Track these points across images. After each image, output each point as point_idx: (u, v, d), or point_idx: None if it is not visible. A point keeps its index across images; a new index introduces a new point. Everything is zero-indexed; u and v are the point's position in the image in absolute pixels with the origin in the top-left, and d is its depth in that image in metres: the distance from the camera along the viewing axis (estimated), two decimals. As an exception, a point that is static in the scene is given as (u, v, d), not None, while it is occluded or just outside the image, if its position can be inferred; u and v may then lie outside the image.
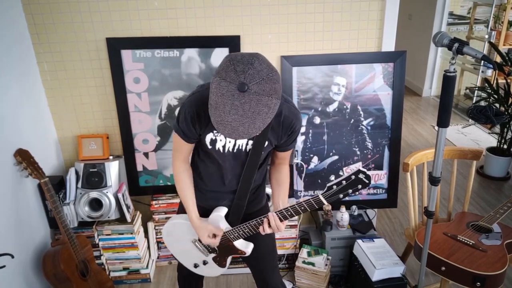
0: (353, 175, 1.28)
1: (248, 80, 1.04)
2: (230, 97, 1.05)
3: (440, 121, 1.42)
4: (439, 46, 1.34)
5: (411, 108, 5.36)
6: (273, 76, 1.08)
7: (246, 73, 1.04)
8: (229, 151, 1.41)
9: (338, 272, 2.43)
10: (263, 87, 1.05)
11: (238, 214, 1.55)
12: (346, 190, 1.29)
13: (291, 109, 1.37)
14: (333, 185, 1.30)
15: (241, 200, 1.52)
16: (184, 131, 1.38)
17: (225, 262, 1.64)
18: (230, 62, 1.07)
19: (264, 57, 1.11)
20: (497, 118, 2.97)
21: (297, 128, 1.41)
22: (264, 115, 1.08)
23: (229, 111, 1.06)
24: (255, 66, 1.06)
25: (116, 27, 2.23)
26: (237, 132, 1.09)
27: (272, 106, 1.09)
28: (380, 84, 2.36)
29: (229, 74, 1.05)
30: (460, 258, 1.75)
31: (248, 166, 1.44)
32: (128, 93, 2.35)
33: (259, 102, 1.06)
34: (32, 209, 2.15)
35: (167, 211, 2.44)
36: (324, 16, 2.27)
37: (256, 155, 1.41)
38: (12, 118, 2.02)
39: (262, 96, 1.05)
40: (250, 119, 1.07)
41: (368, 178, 1.27)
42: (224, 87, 1.05)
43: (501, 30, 4.35)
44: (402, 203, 3.17)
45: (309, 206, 1.35)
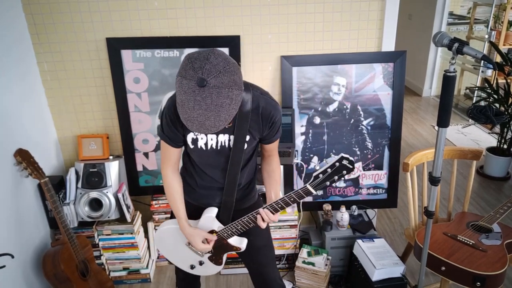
0: (337, 162, 1.33)
1: (206, 75, 1.08)
2: (192, 93, 1.09)
3: (440, 121, 1.42)
4: (439, 46, 1.34)
5: (411, 108, 5.36)
6: (230, 68, 1.11)
7: (203, 69, 1.08)
8: (212, 148, 1.43)
9: (338, 272, 2.43)
10: (221, 80, 1.09)
11: (228, 212, 1.56)
12: (332, 177, 1.34)
13: (268, 100, 1.40)
14: (319, 174, 1.35)
15: (229, 196, 1.53)
16: (169, 136, 1.42)
17: (221, 260, 1.65)
18: (188, 61, 1.11)
19: (221, 51, 1.15)
20: (497, 118, 2.97)
21: (277, 119, 1.43)
22: (227, 107, 1.12)
23: (193, 107, 1.10)
24: (211, 61, 1.09)
25: (116, 27, 2.23)
26: (205, 126, 1.13)
27: (234, 97, 1.12)
28: (380, 84, 2.36)
29: (188, 72, 1.09)
30: (460, 258, 1.75)
31: (232, 162, 1.45)
32: (128, 93, 2.35)
33: (220, 95, 1.09)
34: (32, 209, 2.15)
35: (167, 211, 2.44)
36: (324, 16, 2.27)
37: (238, 150, 1.43)
38: (12, 118, 2.02)
39: (221, 89, 1.09)
40: (214, 112, 1.10)
41: (351, 163, 1.31)
42: (185, 85, 1.10)
43: (501, 30, 4.35)
44: (402, 203, 3.17)
45: (298, 197, 1.39)
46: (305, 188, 1.37)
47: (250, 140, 1.43)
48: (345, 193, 2.55)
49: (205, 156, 1.46)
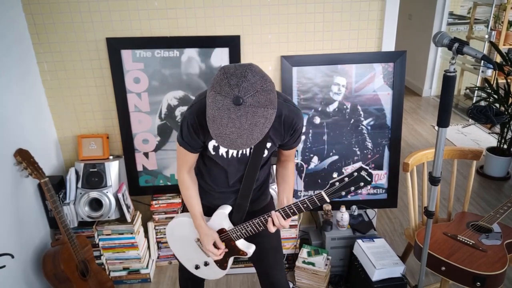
0: (355, 172, 1.29)
1: (243, 93, 1.05)
2: (226, 111, 1.05)
3: (440, 121, 1.42)
4: (439, 46, 1.34)
5: (411, 108, 5.36)
6: (267, 86, 1.08)
7: (240, 86, 1.05)
8: (233, 156, 1.42)
9: (338, 272, 2.43)
10: (258, 99, 1.06)
11: (241, 214, 1.56)
12: (348, 187, 1.30)
13: (291, 108, 1.38)
14: (335, 181, 1.31)
15: (244, 200, 1.53)
16: (189, 142, 1.39)
17: (226, 264, 1.64)
18: (224, 76, 1.07)
19: (257, 67, 1.11)
20: (497, 118, 2.97)
21: (299, 127, 1.41)
22: (261, 126, 1.09)
23: (226, 124, 1.07)
24: (248, 79, 1.06)
25: (116, 27, 2.23)
26: (236, 144, 1.10)
27: (269, 116, 1.10)
28: (380, 84, 2.36)
29: (223, 88, 1.06)
30: (460, 258, 1.75)
31: (250, 167, 1.45)
32: (128, 93, 2.35)
33: (255, 114, 1.06)
34: (32, 209, 2.15)
35: (167, 211, 2.44)
36: (324, 16, 2.27)
37: (258, 157, 1.43)
38: (12, 118, 2.02)
39: (257, 108, 1.06)
40: (247, 131, 1.08)
41: (370, 175, 1.28)
42: (219, 101, 1.06)
43: (501, 30, 4.35)
44: (402, 203, 3.17)
45: (311, 204, 1.36)
46: (320, 195, 1.34)
47: (271, 147, 1.43)
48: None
49: (226, 163, 1.45)
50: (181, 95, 2.37)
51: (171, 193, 2.48)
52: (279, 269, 1.71)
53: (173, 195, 2.46)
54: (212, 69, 2.32)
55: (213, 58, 2.30)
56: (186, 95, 2.37)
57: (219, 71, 1.10)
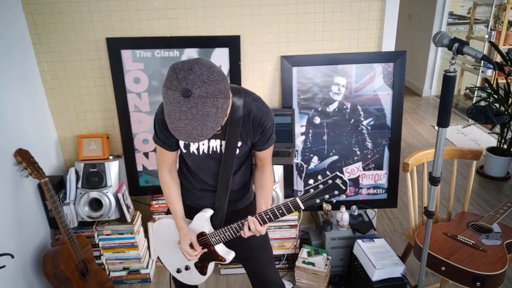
0: (330, 179, 1.29)
1: (190, 86, 1.08)
2: (177, 104, 1.09)
3: (440, 121, 1.42)
4: (439, 46, 1.34)
5: (411, 108, 5.35)
6: (214, 77, 1.11)
7: (188, 79, 1.08)
8: (204, 153, 1.43)
9: (338, 272, 2.43)
10: (206, 90, 1.09)
11: (220, 216, 1.55)
12: (323, 195, 1.31)
13: (260, 107, 1.39)
14: (310, 188, 1.32)
15: (221, 201, 1.52)
16: (163, 140, 1.43)
17: (206, 269, 1.63)
18: (173, 71, 1.11)
19: (206, 60, 1.15)
20: (497, 118, 2.97)
21: (269, 126, 1.42)
22: (214, 116, 1.11)
23: (179, 117, 1.10)
24: (195, 71, 1.09)
25: (116, 27, 2.23)
26: (192, 135, 1.13)
27: (220, 105, 1.12)
28: (380, 84, 2.36)
29: (173, 83, 1.09)
30: (460, 258, 1.75)
31: (224, 167, 1.45)
32: (128, 93, 2.35)
33: (205, 105, 1.09)
34: (32, 209, 2.15)
35: (167, 211, 2.44)
36: (324, 16, 2.27)
37: (230, 156, 1.43)
38: (12, 118, 2.02)
39: (206, 99, 1.09)
40: (200, 122, 1.10)
41: (344, 184, 1.28)
42: (170, 96, 1.09)
43: (501, 30, 4.35)
44: (402, 203, 3.17)
45: (287, 210, 1.37)
46: (294, 201, 1.34)
47: (242, 146, 1.43)
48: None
49: (198, 161, 1.47)
50: (181, 95, 2.36)
51: (171, 193, 2.48)
52: (269, 267, 1.70)
53: (173, 195, 2.46)
54: (212, 69, 2.32)
55: (213, 58, 2.30)
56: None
57: (169, 68, 1.14)
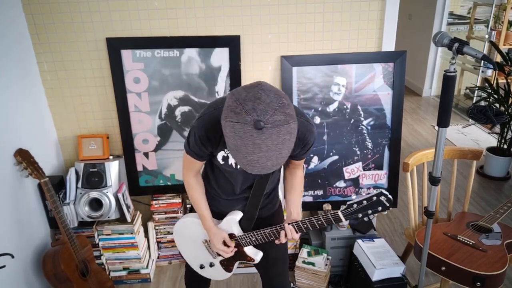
0: (375, 196, 1.28)
1: (262, 116, 0.99)
2: (250, 137, 1.00)
3: (440, 121, 1.42)
4: (439, 46, 1.34)
5: (411, 108, 5.35)
6: (284, 102, 1.03)
7: (257, 110, 1.00)
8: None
9: (338, 272, 2.43)
10: (278, 118, 1.01)
11: (250, 221, 1.55)
12: (366, 210, 1.29)
13: (304, 123, 1.34)
14: (353, 203, 1.30)
15: (253, 208, 1.52)
16: (196, 152, 1.37)
17: (231, 267, 1.64)
18: (236, 103, 1.02)
19: (267, 84, 1.07)
20: (497, 118, 2.97)
21: (311, 141, 1.39)
22: (288, 142, 1.05)
23: (252, 151, 1.02)
24: (263, 100, 1.01)
25: (116, 27, 2.23)
26: (267, 167, 1.06)
27: (292, 131, 1.05)
28: (380, 84, 2.36)
29: (240, 116, 1.01)
30: (460, 258, 1.75)
31: (259, 181, 1.45)
32: (128, 93, 2.35)
33: (280, 133, 1.01)
34: (32, 209, 2.15)
35: (167, 211, 2.44)
36: (324, 16, 2.27)
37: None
38: (12, 118, 2.02)
39: (280, 127, 1.01)
40: (275, 152, 1.03)
41: (389, 201, 1.27)
42: (239, 130, 1.01)
43: (501, 30, 4.35)
44: (402, 203, 3.17)
45: (326, 222, 1.36)
46: (336, 214, 1.33)
47: None
48: (345, 193, 2.55)
49: (235, 174, 1.44)
50: (181, 95, 2.37)
51: (171, 193, 2.48)
52: (283, 280, 1.70)
53: (173, 195, 2.46)
54: (212, 69, 2.32)
55: (213, 58, 2.30)
56: (186, 95, 2.37)
57: (229, 99, 1.05)
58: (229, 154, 1.37)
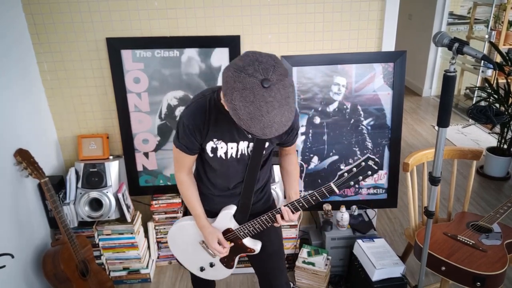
0: (363, 161, 1.33)
1: (266, 75, 1.06)
2: (261, 97, 1.05)
3: (440, 121, 1.42)
4: (439, 46, 1.34)
5: (411, 108, 5.35)
6: (277, 58, 1.11)
7: (260, 70, 1.06)
8: (232, 157, 1.42)
9: (338, 272, 2.43)
10: (279, 72, 1.08)
11: (245, 212, 1.56)
12: (357, 177, 1.35)
13: None
14: (344, 173, 1.35)
15: (247, 199, 1.53)
16: (186, 145, 1.38)
17: (233, 262, 1.64)
18: (237, 72, 1.07)
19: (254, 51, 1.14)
20: (497, 118, 2.97)
21: (296, 125, 1.44)
22: (292, 95, 1.11)
23: (267, 111, 1.06)
24: (261, 60, 1.08)
25: (116, 27, 2.23)
26: (282, 123, 1.10)
27: (292, 83, 1.12)
28: (380, 84, 2.36)
29: (246, 81, 1.05)
30: (460, 258, 1.75)
31: (250, 168, 1.45)
32: (128, 93, 2.35)
33: (285, 86, 1.08)
34: (32, 209, 2.15)
35: (167, 211, 2.44)
36: (324, 16, 2.27)
37: (257, 157, 1.43)
38: (12, 118, 2.02)
39: (284, 80, 1.08)
40: (286, 106, 1.09)
41: (377, 164, 1.33)
42: (249, 95, 1.05)
43: (501, 30, 4.35)
44: (402, 203, 3.17)
45: (320, 196, 1.38)
46: (329, 186, 1.36)
47: (269, 146, 1.43)
48: (345, 193, 2.55)
49: (225, 166, 1.44)
50: (181, 95, 2.37)
51: (171, 193, 2.48)
52: (280, 275, 1.70)
53: (173, 195, 2.46)
54: (212, 69, 2.32)
55: (213, 58, 2.30)
56: (186, 95, 2.37)
57: (226, 73, 1.09)
58: (218, 144, 1.38)
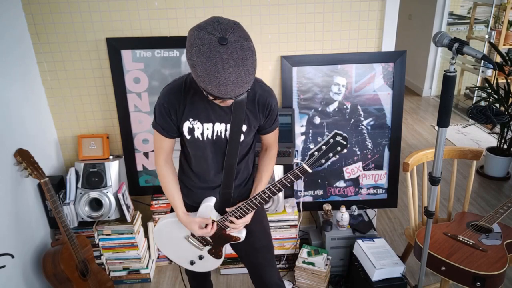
0: (331, 138, 1.35)
1: (224, 33, 1.11)
2: (217, 53, 1.09)
3: (440, 121, 1.42)
4: (439, 46, 1.34)
5: (411, 108, 5.36)
6: (240, 25, 1.16)
7: (218, 29, 1.11)
8: (208, 139, 1.42)
9: (338, 272, 2.43)
10: (238, 34, 1.12)
11: (226, 204, 1.56)
12: (327, 154, 1.37)
13: (263, 87, 1.42)
14: (314, 152, 1.37)
15: (228, 188, 1.53)
16: (162, 125, 1.41)
17: (221, 252, 1.65)
18: (198, 30, 1.12)
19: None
20: (497, 118, 2.96)
21: (274, 106, 1.44)
22: (251, 59, 1.14)
23: (222, 68, 1.10)
24: (221, 22, 1.14)
25: (116, 27, 2.23)
26: (238, 83, 1.13)
27: (253, 48, 1.15)
28: (380, 84, 2.36)
29: (204, 38, 1.10)
30: (460, 258, 1.75)
31: (229, 153, 1.45)
32: (128, 93, 2.35)
33: (243, 47, 1.12)
34: (32, 209, 2.15)
35: (167, 211, 2.43)
36: (324, 16, 2.27)
37: (235, 141, 1.43)
38: (12, 118, 2.02)
39: (242, 41, 1.12)
40: (242, 66, 1.12)
41: (345, 139, 1.35)
42: (206, 51, 1.09)
43: (501, 30, 4.35)
44: (402, 203, 3.17)
45: (294, 177, 1.40)
46: (301, 167, 1.38)
47: (247, 130, 1.43)
48: (345, 193, 2.55)
49: (202, 148, 1.44)
50: (181, 95, 2.36)
51: (171, 193, 2.48)
52: (270, 268, 1.70)
53: (173, 195, 2.46)
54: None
55: (213, 58, 2.30)
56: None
57: (190, 32, 1.15)
58: (194, 124, 1.39)
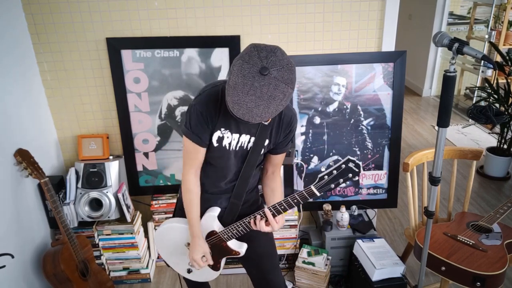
0: (343, 164, 1.32)
1: (270, 65, 1.10)
2: (251, 78, 1.09)
3: (440, 121, 1.42)
4: (439, 46, 1.34)
5: (411, 108, 5.36)
6: (292, 67, 1.14)
7: (269, 59, 1.11)
8: (232, 148, 1.42)
9: (338, 272, 2.43)
10: (282, 74, 1.11)
11: (233, 214, 1.55)
12: (337, 179, 1.33)
13: (290, 107, 1.43)
14: (324, 175, 1.34)
15: (238, 199, 1.52)
16: (198, 133, 1.35)
17: (219, 265, 1.62)
18: (254, 48, 1.13)
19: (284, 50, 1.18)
20: (497, 118, 2.96)
21: (294, 128, 1.45)
22: (279, 102, 1.13)
23: (247, 91, 1.10)
24: (277, 55, 1.12)
25: (116, 27, 2.23)
26: (252, 113, 1.13)
27: (287, 94, 1.14)
28: (380, 84, 2.36)
29: (252, 58, 1.11)
30: (460, 258, 1.75)
31: (248, 164, 1.45)
32: (128, 93, 2.35)
33: (277, 88, 1.11)
34: (32, 209, 2.15)
35: (167, 211, 2.43)
36: (324, 16, 2.27)
37: (256, 153, 1.43)
38: (12, 118, 2.02)
39: (280, 82, 1.11)
40: (265, 102, 1.11)
41: (357, 166, 1.31)
42: (246, 69, 1.10)
43: (501, 30, 4.35)
44: (402, 203, 3.17)
45: (302, 199, 1.37)
46: (309, 189, 1.34)
47: (267, 144, 1.43)
48: (345, 193, 2.55)
49: (225, 157, 1.42)
50: (181, 95, 2.37)
51: (171, 193, 2.48)
52: (276, 274, 1.68)
53: (173, 195, 2.46)
54: (212, 69, 2.32)
55: (213, 58, 2.30)
56: (186, 95, 2.37)
57: (249, 46, 1.16)
58: (224, 134, 1.38)
